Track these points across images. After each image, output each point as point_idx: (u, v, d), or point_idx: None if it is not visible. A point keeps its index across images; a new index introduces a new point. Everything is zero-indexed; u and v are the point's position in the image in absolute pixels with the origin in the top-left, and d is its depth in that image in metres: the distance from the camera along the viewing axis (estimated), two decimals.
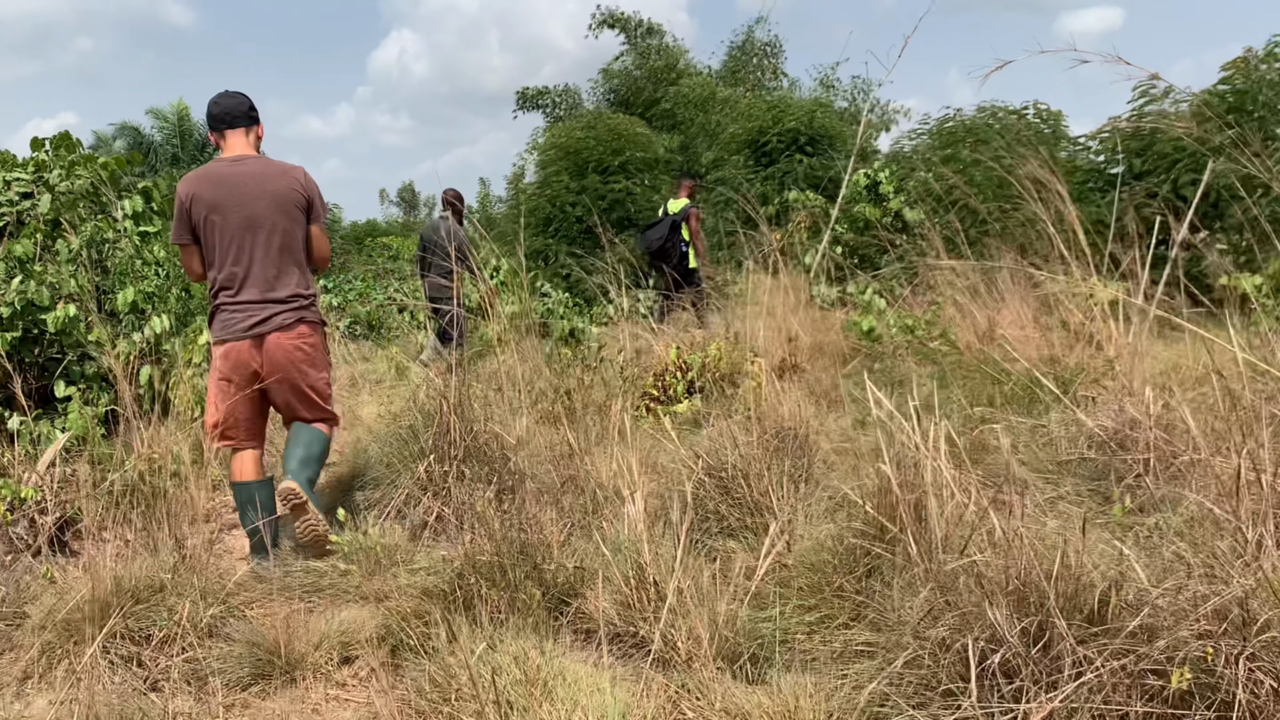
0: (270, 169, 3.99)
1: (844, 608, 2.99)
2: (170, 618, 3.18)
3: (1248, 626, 2.03)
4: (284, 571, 3.69)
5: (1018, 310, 6.77)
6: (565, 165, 11.91)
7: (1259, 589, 2.05)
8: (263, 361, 3.93)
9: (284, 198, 3.96)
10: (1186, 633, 2.07)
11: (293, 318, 3.97)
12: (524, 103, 25.28)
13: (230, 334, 3.90)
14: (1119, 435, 4.13)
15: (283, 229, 3.96)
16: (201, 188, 3.92)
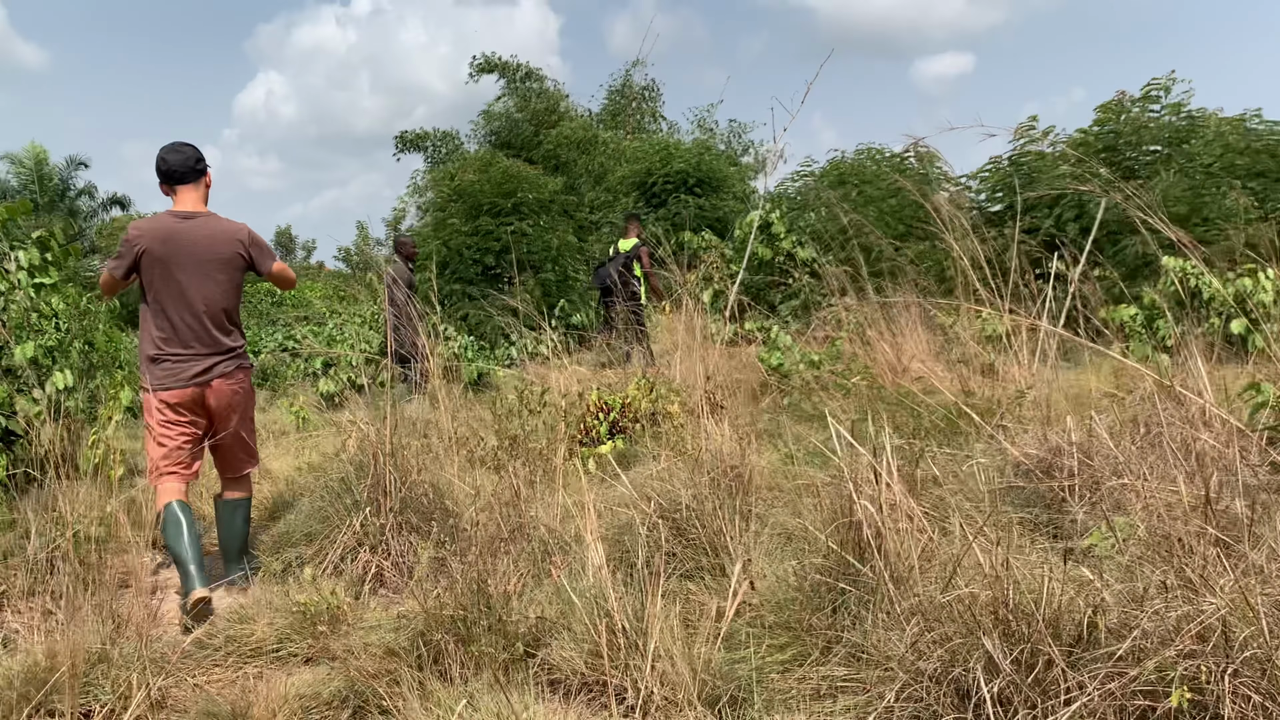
0: (216, 231, 4.29)
1: (815, 644, 3.03)
2: (114, 691, 2.99)
3: (1230, 645, 2.14)
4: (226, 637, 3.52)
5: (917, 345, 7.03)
6: (458, 208, 11.84)
7: (1237, 608, 2.17)
8: (207, 403, 4.25)
9: (228, 260, 4.29)
10: (1173, 653, 2.16)
11: (232, 365, 4.31)
12: (403, 145, 25.08)
13: (176, 382, 4.16)
14: (1043, 463, 4.31)
15: (224, 289, 4.29)
16: (154, 242, 4.18)
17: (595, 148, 21.83)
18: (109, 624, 3.32)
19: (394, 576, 4.13)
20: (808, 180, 14.32)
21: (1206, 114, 9.54)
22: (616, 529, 4.11)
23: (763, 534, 3.95)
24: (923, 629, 2.54)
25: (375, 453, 4.40)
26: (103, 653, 3.18)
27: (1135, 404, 5.42)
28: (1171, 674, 2.13)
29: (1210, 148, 9.27)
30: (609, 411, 6.30)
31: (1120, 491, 3.78)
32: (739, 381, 7.53)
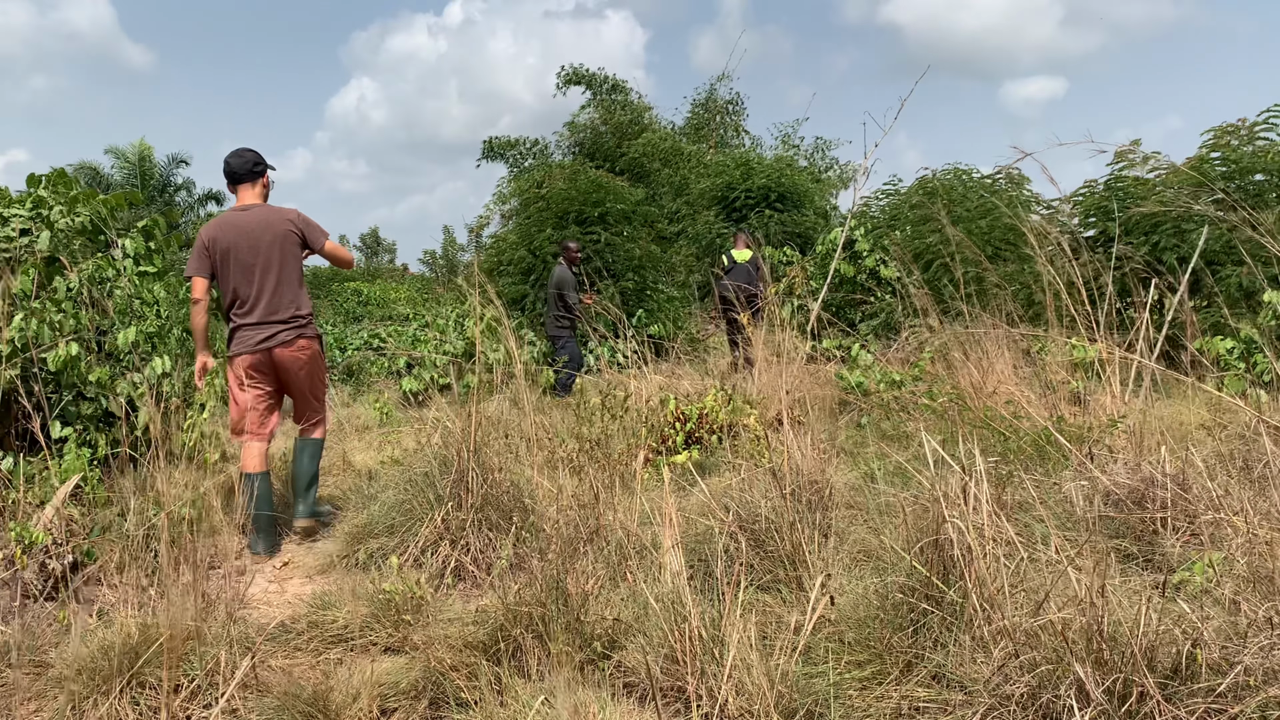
0: (270, 216, 4.89)
1: (895, 663, 2.98)
2: (201, 667, 3.07)
3: None
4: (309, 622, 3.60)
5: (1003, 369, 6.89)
6: (546, 215, 11.96)
7: None
8: (275, 366, 4.86)
9: (282, 239, 4.86)
10: (1277, 692, 2.09)
11: (292, 334, 4.86)
12: (489, 152, 25.42)
13: (245, 348, 4.81)
14: (1135, 493, 4.20)
15: (279, 263, 4.85)
16: (219, 233, 4.85)
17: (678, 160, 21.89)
18: (199, 603, 3.42)
19: (473, 571, 4.18)
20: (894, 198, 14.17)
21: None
22: (694, 537, 4.10)
23: (842, 550, 3.91)
24: (1011, 653, 2.48)
25: (459, 448, 4.46)
26: (194, 630, 3.27)
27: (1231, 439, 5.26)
28: (1275, 714, 2.06)
29: None
30: (686, 421, 6.30)
31: (1217, 525, 3.66)
32: (817, 398, 7.48)
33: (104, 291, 5.41)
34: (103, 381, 4.94)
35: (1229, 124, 8.99)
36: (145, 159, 27.13)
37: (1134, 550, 3.88)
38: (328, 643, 3.51)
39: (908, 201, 13.04)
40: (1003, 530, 2.96)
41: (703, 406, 6.52)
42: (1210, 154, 8.99)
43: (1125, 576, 3.49)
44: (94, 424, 5.04)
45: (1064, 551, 3.09)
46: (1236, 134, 8.95)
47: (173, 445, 4.89)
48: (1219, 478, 4.06)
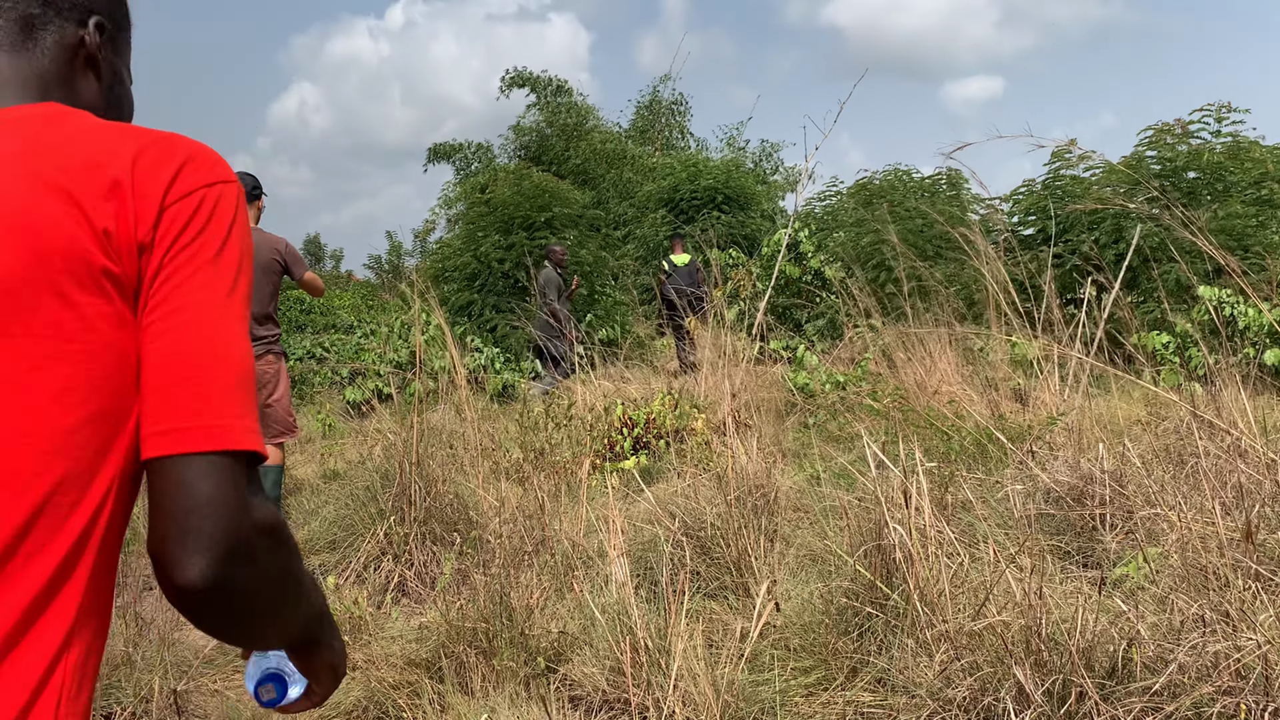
0: (259, 242, 4.95)
1: (841, 668, 2.98)
2: (135, 694, 2.99)
3: (1270, 683, 2.09)
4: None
5: (945, 367, 6.97)
6: (491, 221, 11.87)
7: (1278, 644, 2.12)
8: None
9: (266, 266, 4.96)
10: (1210, 689, 2.11)
11: (261, 350, 4.92)
12: (435, 157, 25.21)
13: None
14: (1074, 490, 4.25)
15: (261, 290, 4.96)
16: None
17: (623, 162, 21.87)
18: (132, 626, 3.33)
19: (416, 587, 4.12)
20: (835, 199, 14.29)
21: (1251, 143, 9.44)
22: (640, 545, 4.08)
23: (788, 555, 3.92)
24: (952, 656, 2.49)
25: (401, 461, 4.40)
26: (125, 655, 3.18)
27: (1168, 433, 5.36)
28: (1209, 711, 2.09)
29: (1250, 175, 9.17)
30: (633, 426, 6.28)
31: (1153, 521, 3.72)
32: (764, 400, 7.50)
33: None
34: None
35: (1165, 124, 9.20)
36: None
37: (1073, 548, 3.93)
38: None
39: (848, 203, 13.16)
40: (944, 532, 2.97)
41: (650, 411, 6.51)
42: (1146, 152, 9.19)
43: (1065, 574, 3.53)
44: None
45: (1003, 552, 3.12)
46: (1171, 133, 9.16)
47: None
48: (1155, 473, 4.13)
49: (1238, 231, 8.53)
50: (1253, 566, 2.43)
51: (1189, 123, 9.08)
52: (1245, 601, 2.33)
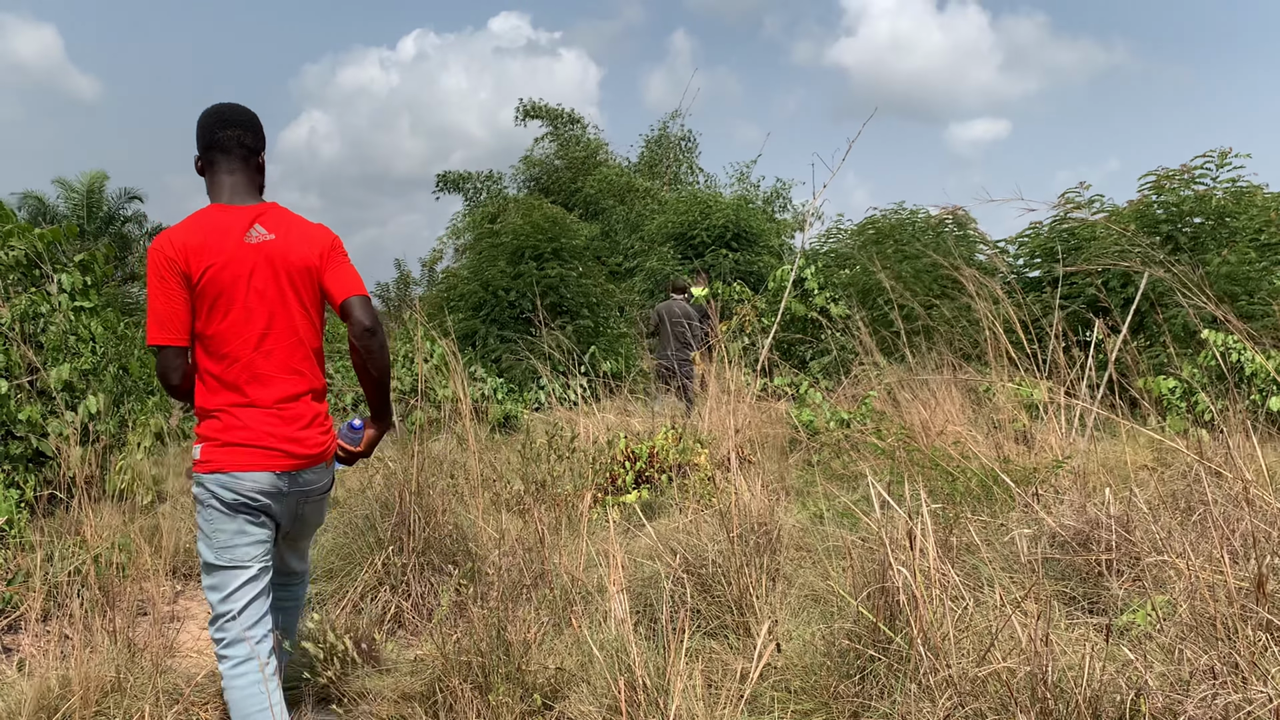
0: None
1: (842, 712, 2.94)
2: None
3: None
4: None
5: (950, 408, 6.93)
6: (501, 251, 11.90)
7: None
8: None
9: None
10: None
11: None
12: (444, 185, 25.36)
13: None
14: (1080, 535, 4.21)
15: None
16: None
17: (633, 196, 21.98)
18: (124, 651, 3.29)
19: (413, 618, 4.08)
20: (841, 237, 14.31)
21: (1253, 188, 9.47)
22: (640, 581, 4.04)
23: (790, 595, 3.87)
24: (956, 703, 2.45)
25: (401, 490, 4.37)
26: (116, 681, 3.14)
27: (1174, 479, 5.31)
28: None
29: (1254, 222, 9.18)
30: (635, 460, 6.24)
31: (1160, 568, 3.67)
32: (768, 436, 7.47)
33: (38, 327, 5.26)
34: (33, 420, 4.79)
35: (1166, 169, 9.24)
36: (94, 190, 26.66)
37: (1079, 593, 3.88)
38: None
39: (856, 240, 13.18)
40: (948, 575, 2.93)
41: (653, 445, 6.47)
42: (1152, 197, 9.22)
43: (1070, 620, 3.48)
44: (23, 464, 4.87)
45: (1009, 596, 3.08)
46: (1172, 179, 9.20)
47: (106, 486, 4.73)
48: (1162, 519, 4.09)
49: (1243, 277, 8.52)
50: (1264, 616, 2.39)
51: (1193, 168, 9.12)
52: (1255, 653, 2.29)
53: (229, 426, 2.73)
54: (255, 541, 2.77)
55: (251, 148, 2.88)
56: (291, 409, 2.79)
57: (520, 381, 10.63)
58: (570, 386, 9.69)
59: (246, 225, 2.77)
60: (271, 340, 2.78)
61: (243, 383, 2.74)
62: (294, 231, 2.83)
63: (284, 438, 2.75)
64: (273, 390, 2.77)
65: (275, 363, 2.78)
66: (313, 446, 2.81)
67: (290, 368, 2.81)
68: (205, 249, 2.70)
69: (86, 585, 3.57)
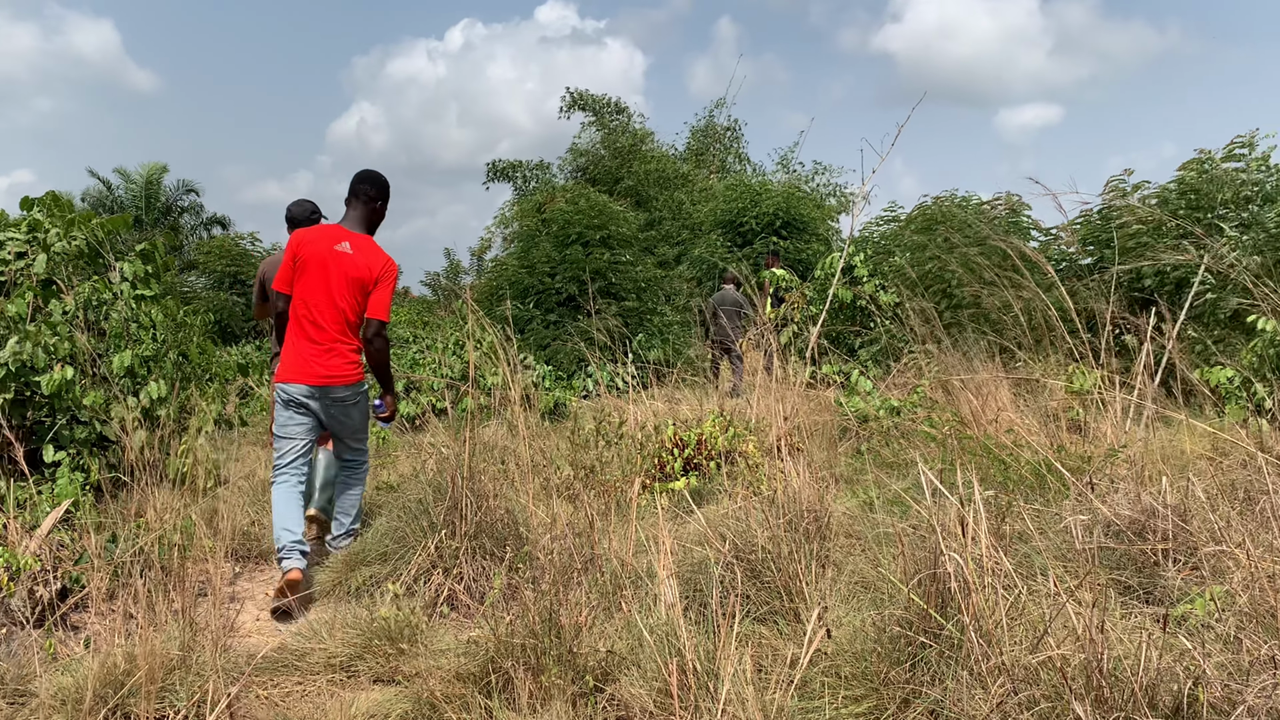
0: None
1: (893, 698, 2.93)
2: (188, 698, 3.03)
3: None
4: (299, 651, 3.55)
5: (1001, 396, 6.85)
6: (547, 236, 11.97)
7: None
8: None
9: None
10: None
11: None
12: (494, 174, 25.52)
13: None
14: (1135, 524, 4.15)
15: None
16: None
17: (679, 184, 21.95)
18: (187, 630, 3.37)
19: (466, 600, 4.13)
20: (893, 225, 14.17)
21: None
22: (689, 567, 4.06)
23: (839, 581, 3.87)
24: (1009, 690, 2.44)
25: (453, 475, 4.42)
26: (180, 659, 3.23)
27: (1233, 469, 5.21)
28: None
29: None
30: (684, 448, 6.26)
31: (1218, 558, 3.62)
32: (817, 424, 7.43)
33: (100, 315, 5.39)
34: (97, 405, 4.91)
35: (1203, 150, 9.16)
36: (152, 182, 27.19)
37: (1134, 583, 3.83)
38: (318, 672, 3.46)
39: (908, 228, 13.04)
40: (1001, 563, 2.91)
41: (701, 432, 6.48)
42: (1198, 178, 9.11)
43: (1125, 609, 3.44)
44: (88, 448, 5.00)
45: (1063, 584, 3.05)
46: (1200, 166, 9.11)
47: (166, 470, 4.84)
48: (1220, 509, 4.02)
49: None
50: None
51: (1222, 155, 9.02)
52: None
53: (288, 355, 4.63)
54: (298, 424, 4.62)
55: (371, 197, 4.80)
56: (325, 349, 4.61)
57: (568, 369, 10.68)
58: (618, 374, 9.72)
59: (340, 240, 4.64)
60: (322, 309, 4.59)
61: (306, 327, 4.60)
62: (363, 254, 4.65)
63: (317, 366, 4.59)
64: (319, 337, 4.60)
65: (325, 321, 4.59)
66: (333, 370, 4.60)
67: (333, 328, 4.61)
68: (310, 243, 4.61)
69: (149, 566, 3.66)
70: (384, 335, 4.66)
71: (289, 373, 4.57)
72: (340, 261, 4.56)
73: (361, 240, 4.65)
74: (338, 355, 4.60)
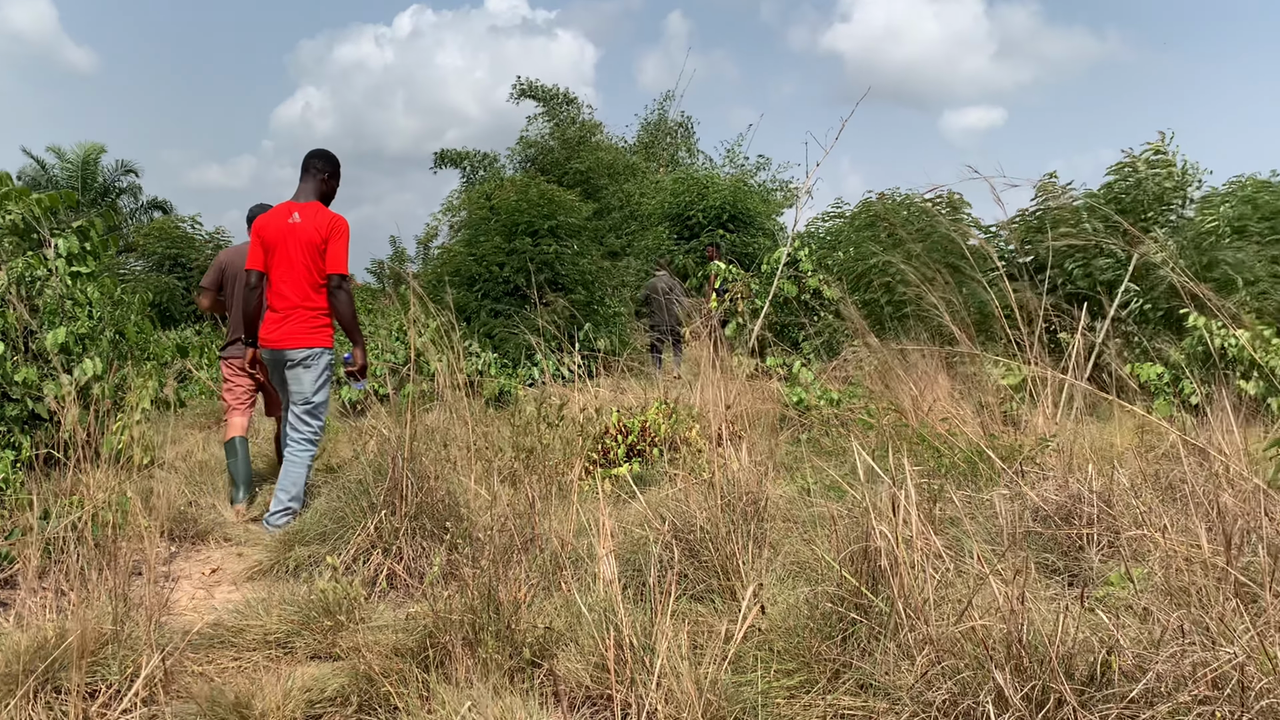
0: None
1: (823, 672, 3.00)
2: (121, 671, 3.01)
3: (1246, 694, 2.11)
4: (235, 628, 3.54)
5: (938, 388, 6.99)
6: (495, 226, 11.92)
7: (1255, 657, 2.14)
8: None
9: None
10: (1187, 698, 2.14)
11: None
12: (442, 161, 25.30)
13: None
14: (1062, 509, 4.28)
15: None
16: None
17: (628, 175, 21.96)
18: (120, 606, 3.34)
19: (405, 580, 4.14)
20: (838, 221, 14.34)
21: (1196, 170, 9.77)
22: (629, 547, 4.11)
23: (775, 561, 3.94)
24: (933, 660, 2.52)
25: (394, 456, 4.42)
26: (113, 633, 3.20)
27: (1158, 460, 5.39)
28: (1185, 719, 2.11)
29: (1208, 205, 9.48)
30: (628, 434, 6.31)
31: (1139, 542, 3.75)
32: (759, 413, 7.52)
33: (34, 291, 5.28)
34: (30, 382, 4.82)
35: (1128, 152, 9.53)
36: (90, 162, 26.55)
37: (1060, 565, 3.96)
38: (254, 648, 3.45)
39: (852, 224, 13.22)
40: (930, 541, 3.00)
41: (644, 419, 6.53)
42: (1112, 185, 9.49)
43: (1049, 589, 3.56)
44: (19, 425, 4.91)
45: (988, 563, 3.15)
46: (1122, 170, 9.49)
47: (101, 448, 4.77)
48: (1143, 496, 4.17)
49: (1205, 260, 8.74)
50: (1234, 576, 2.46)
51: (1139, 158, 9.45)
52: (1226, 616, 2.36)
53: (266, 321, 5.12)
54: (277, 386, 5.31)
55: (320, 169, 5.22)
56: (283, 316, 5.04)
57: (514, 357, 10.67)
58: (564, 363, 9.73)
59: (291, 213, 5.04)
60: (283, 279, 5.02)
61: (271, 298, 5.05)
62: (311, 218, 5.01)
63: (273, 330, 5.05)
64: (279, 305, 5.03)
65: (286, 290, 5.01)
66: (285, 333, 5.01)
67: (294, 295, 5.01)
68: (266, 224, 5.07)
69: (83, 542, 3.62)
70: (345, 288, 4.99)
71: (261, 340, 5.17)
72: (293, 231, 4.95)
73: (309, 207, 5.01)
74: (293, 320, 5.00)
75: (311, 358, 5.06)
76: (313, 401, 5.14)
